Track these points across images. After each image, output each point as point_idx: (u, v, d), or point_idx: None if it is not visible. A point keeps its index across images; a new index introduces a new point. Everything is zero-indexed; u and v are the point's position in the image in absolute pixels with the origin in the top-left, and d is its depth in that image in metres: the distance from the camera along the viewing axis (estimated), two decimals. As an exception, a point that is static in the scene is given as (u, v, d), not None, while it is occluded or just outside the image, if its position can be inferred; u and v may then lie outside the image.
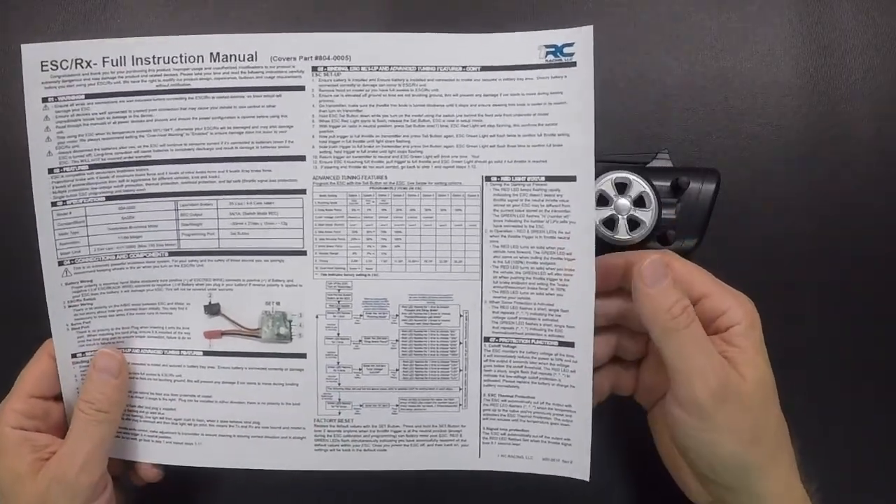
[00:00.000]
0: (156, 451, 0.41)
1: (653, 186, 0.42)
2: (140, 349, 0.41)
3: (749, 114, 0.47)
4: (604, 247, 0.42)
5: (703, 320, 0.36)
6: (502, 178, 0.39)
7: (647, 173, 0.42)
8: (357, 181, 0.39)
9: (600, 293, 0.38)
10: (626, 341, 0.40)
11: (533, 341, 0.39)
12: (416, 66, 0.38)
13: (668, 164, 0.44)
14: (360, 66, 0.39)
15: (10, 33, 0.48)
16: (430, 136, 0.39)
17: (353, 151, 0.39)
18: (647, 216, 0.42)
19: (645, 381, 0.41)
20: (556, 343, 0.39)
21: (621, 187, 0.42)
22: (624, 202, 0.42)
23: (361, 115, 0.39)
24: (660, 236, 0.42)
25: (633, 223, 0.42)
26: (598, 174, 0.41)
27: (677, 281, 0.37)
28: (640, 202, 0.42)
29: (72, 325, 0.40)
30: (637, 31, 0.49)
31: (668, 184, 0.42)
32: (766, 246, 0.47)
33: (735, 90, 0.47)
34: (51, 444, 0.38)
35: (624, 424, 0.45)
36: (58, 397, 0.41)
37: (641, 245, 0.42)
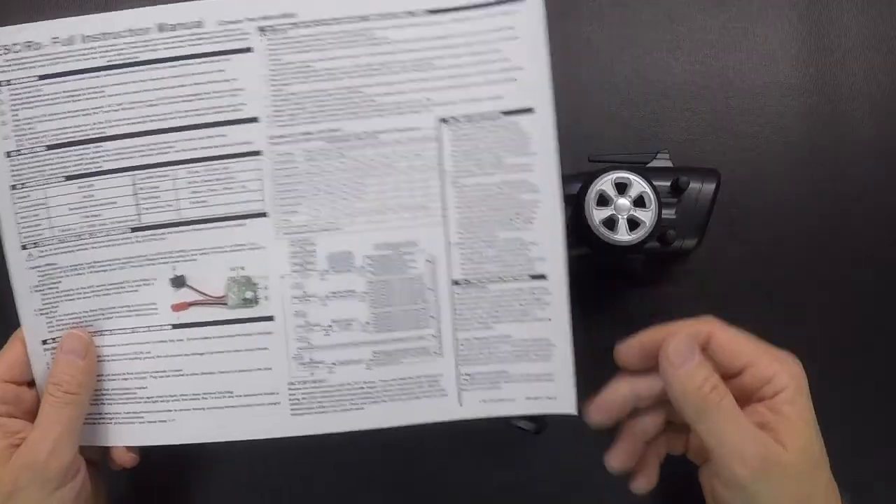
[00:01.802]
0: (129, 433, 0.40)
1: (653, 186, 0.41)
2: (110, 331, 0.40)
3: (749, 114, 0.48)
4: (604, 247, 0.41)
5: (748, 389, 0.36)
6: (459, 119, 0.38)
7: (647, 173, 0.42)
8: (313, 137, 0.39)
9: (644, 372, 0.38)
10: (674, 409, 0.39)
11: (504, 279, 0.38)
12: (362, 16, 0.38)
13: (668, 164, 0.44)
14: (307, 22, 0.38)
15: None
16: (382, 83, 0.38)
17: (306, 107, 0.39)
18: (647, 216, 0.41)
19: (694, 443, 0.40)
20: (528, 277, 0.38)
21: (621, 187, 0.41)
22: (624, 202, 0.41)
23: (312, 71, 0.38)
24: (660, 236, 0.42)
25: (633, 223, 0.41)
26: (598, 174, 0.41)
27: (721, 351, 0.36)
28: (640, 202, 0.41)
29: (40, 310, 0.40)
30: (637, 31, 0.49)
31: (668, 184, 0.42)
32: (766, 246, 0.47)
33: (735, 90, 0.48)
34: (22, 430, 0.37)
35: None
36: (31, 383, 0.40)
37: (641, 245, 0.41)
